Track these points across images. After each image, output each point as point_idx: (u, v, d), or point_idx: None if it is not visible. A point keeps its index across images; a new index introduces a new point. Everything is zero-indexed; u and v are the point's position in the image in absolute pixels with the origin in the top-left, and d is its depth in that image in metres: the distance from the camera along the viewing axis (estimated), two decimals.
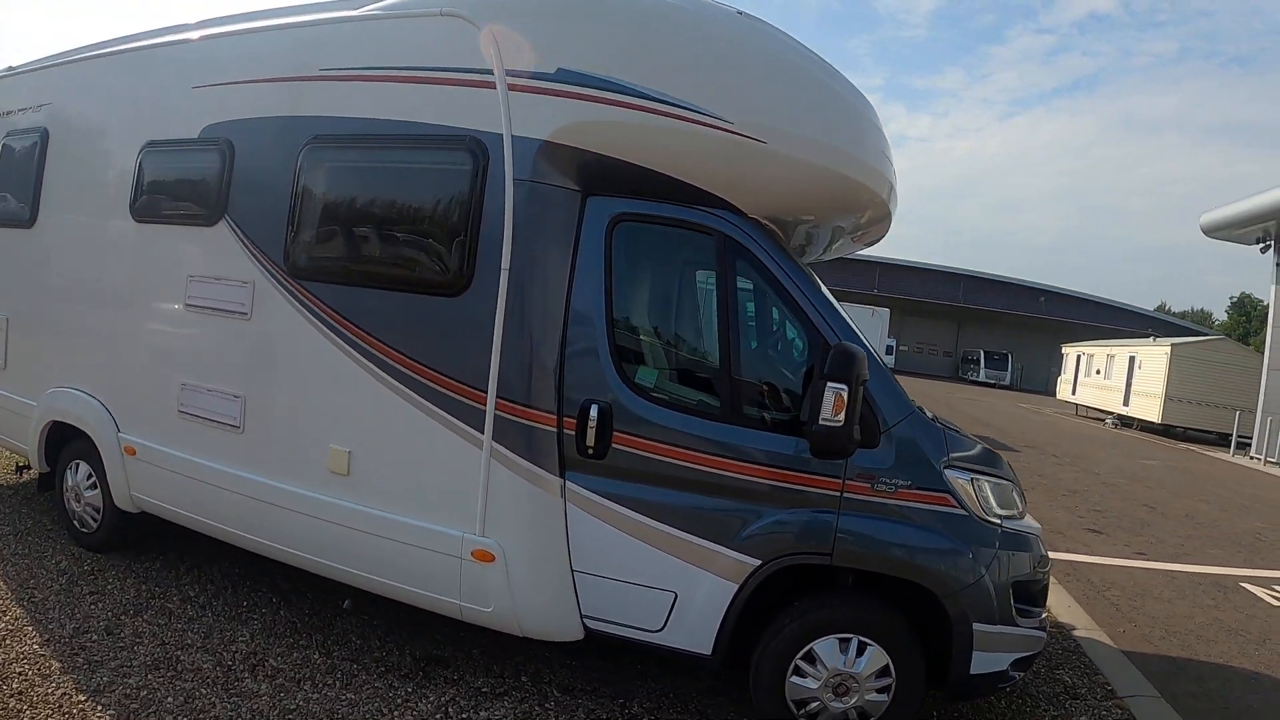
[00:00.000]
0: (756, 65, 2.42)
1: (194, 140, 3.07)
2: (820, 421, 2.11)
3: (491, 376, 2.39)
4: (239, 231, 2.90)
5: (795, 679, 2.36)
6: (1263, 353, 15.01)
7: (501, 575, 2.43)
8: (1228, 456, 13.54)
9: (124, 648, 2.69)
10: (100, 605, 3.00)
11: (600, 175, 2.44)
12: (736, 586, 2.33)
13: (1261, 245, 12.76)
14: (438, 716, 2.43)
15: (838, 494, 2.31)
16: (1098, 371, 20.68)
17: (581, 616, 2.47)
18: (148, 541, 3.59)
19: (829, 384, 2.10)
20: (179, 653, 2.69)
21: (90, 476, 3.49)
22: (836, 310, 2.44)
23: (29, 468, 4.02)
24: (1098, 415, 20.64)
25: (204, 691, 2.44)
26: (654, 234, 2.54)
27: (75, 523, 3.60)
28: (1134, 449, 13.66)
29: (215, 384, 2.97)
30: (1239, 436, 13.48)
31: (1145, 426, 17.33)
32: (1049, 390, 28.29)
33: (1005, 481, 2.55)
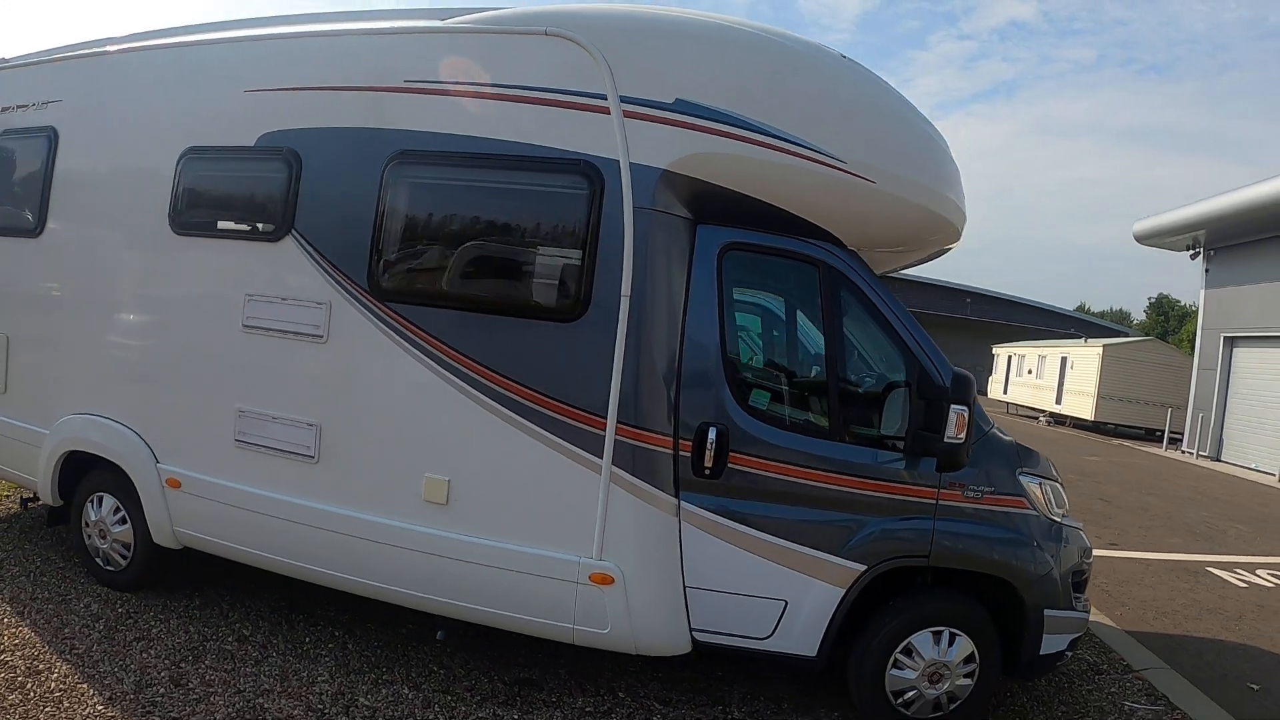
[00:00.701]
0: (865, 108, 2.64)
1: (250, 149, 2.96)
2: (946, 439, 2.36)
3: (611, 401, 2.48)
4: (310, 248, 2.81)
5: (895, 671, 2.60)
6: (1187, 352, 16.87)
7: (620, 597, 2.53)
8: (1161, 451, 15.11)
9: (198, 699, 2.57)
10: (152, 652, 2.84)
11: (712, 205, 2.58)
12: (843, 591, 2.54)
13: (1191, 252, 14.42)
14: None
15: (934, 501, 2.57)
16: (1029, 371, 22.45)
17: (691, 630, 2.61)
18: (179, 576, 3.40)
19: (952, 405, 2.36)
20: (260, 700, 2.60)
21: (118, 510, 3.28)
22: (926, 335, 2.70)
23: (34, 499, 3.72)
24: (1030, 414, 22.37)
25: None
26: (761, 263, 2.72)
27: (99, 560, 3.36)
28: (1075, 446, 14.97)
29: (283, 411, 2.87)
30: (1170, 432, 15.10)
31: (1077, 424, 18.93)
32: (979, 390, 30.25)
33: (1059, 483, 2.91)
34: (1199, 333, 14.10)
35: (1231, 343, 13.17)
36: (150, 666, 2.74)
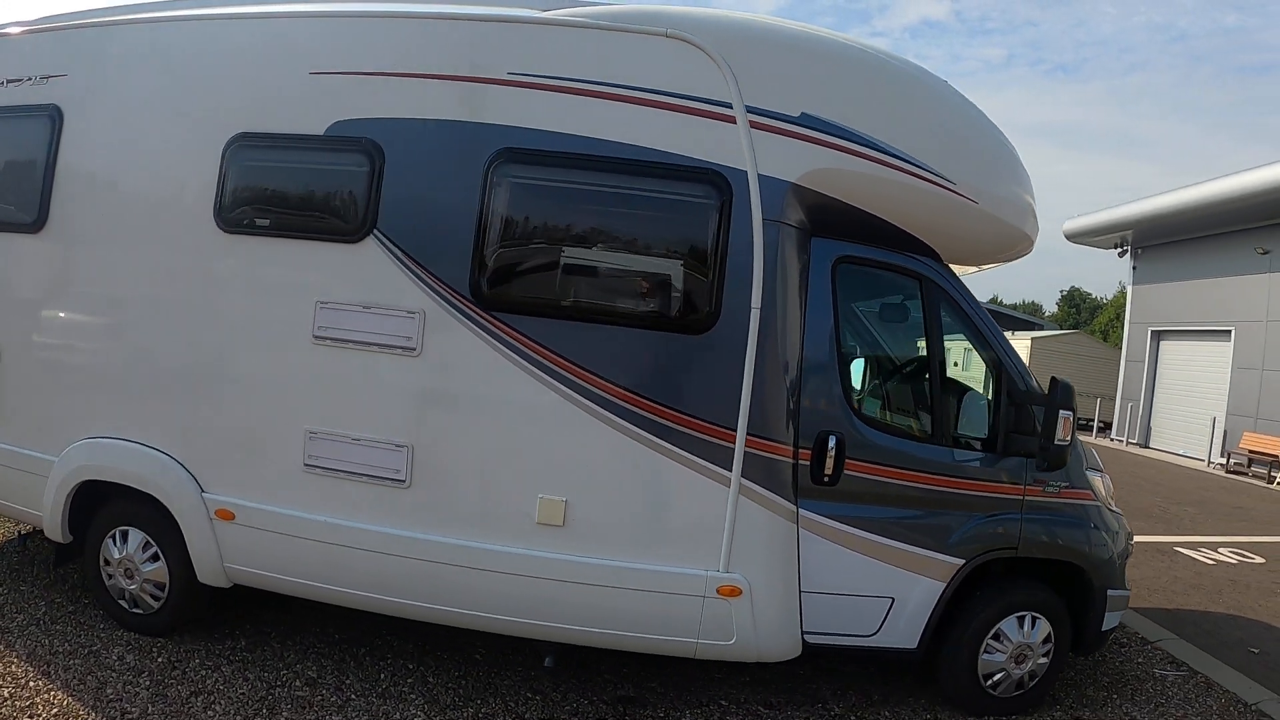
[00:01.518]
0: (970, 132, 2.84)
1: (319, 138, 2.75)
2: (1056, 441, 2.62)
3: (741, 413, 2.55)
4: (398, 250, 2.65)
5: (986, 655, 2.86)
6: (1110, 343, 18.82)
7: (747, 608, 2.61)
8: (1092, 439, 16.91)
9: None
10: (218, 709, 2.61)
11: (828, 218, 2.69)
12: (944, 585, 2.75)
13: (1119, 250, 16.17)
14: None
15: (1020, 498, 2.83)
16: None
17: (803, 634, 2.75)
18: (210, 614, 3.16)
19: (1060, 411, 2.61)
20: None
21: (147, 547, 2.98)
22: (1010, 344, 2.96)
23: (31, 535, 3.34)
24: None
25: None
26: (868, 275, 2.87)
27: (123, 603, 3.05)
28: None
29: (367, 432, 2.70)
30: (1100, 421, 16.87)
31: None
32: None
33: (1108, 476, 3.29)
34: (1126, 326, 15.83)
35: (1158, 336, 14.85)
36: None
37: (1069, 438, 2.66)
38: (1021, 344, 20.16)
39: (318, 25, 2.84)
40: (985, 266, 3.60)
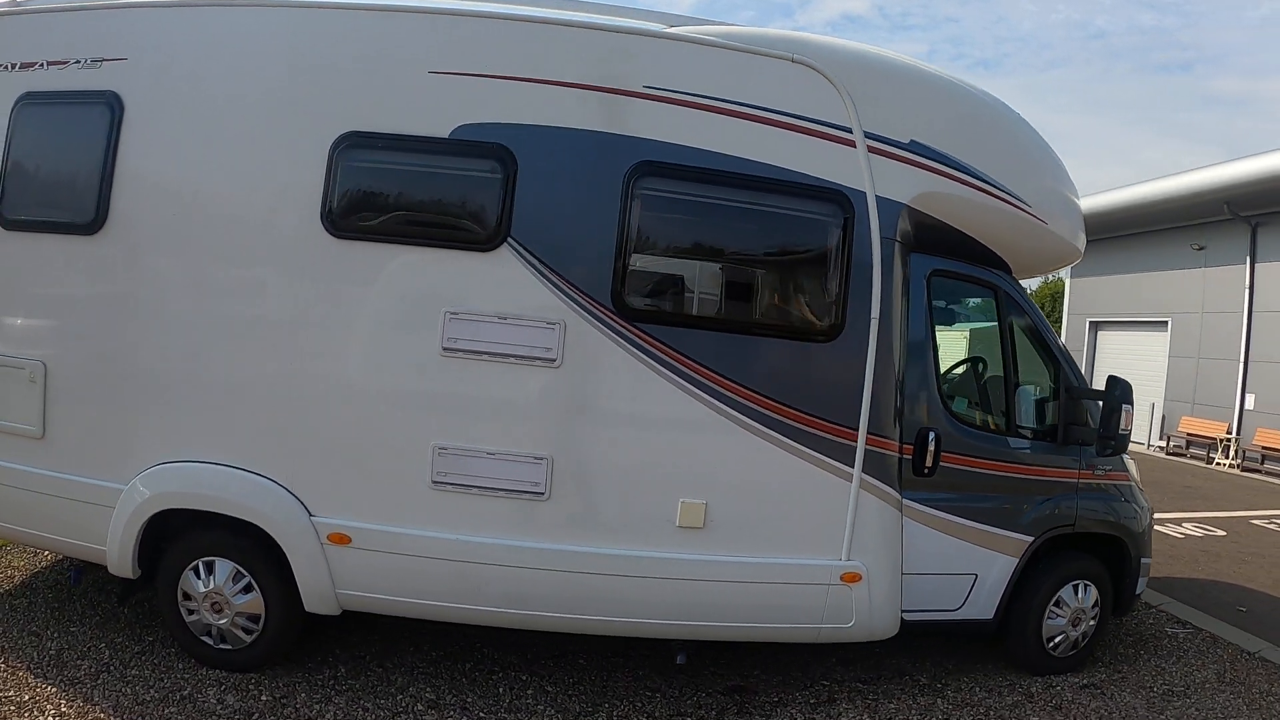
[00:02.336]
0: (1041, 158, 3.32)
1: (444, 140, 2.72)
2: (1120, 432, 3.18)
3: (863, 414, 2.88)
4: (535, 260, 2.71)
5: (1049, 620, 3.39)
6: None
7: (865, 592, 2.96)
8: None
9: None
10: None
11: (926, 235, 3.06)
12: (1018, 561, 3.26)
13: None
14: None
15: (1076, 480, 3.40)
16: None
17: (901, 612, 3.16)
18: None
19: (1123, 405, 3.17)
20: None
21: (239, 577, 2.85)
22: (1065, 347, 3.52)
23: (82, 571, 3.13)
24: None
25: None
26: (952, 286, 3.31)
27: (207, 639, 2.89)
28: None
29: (504, 446, 2.75)
30: None
31: None
32: None
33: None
34: (1065, 318, 17.80)
35: (1096, 326, 16.62)
36: None
37: (1130, 428, 3.25)
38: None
39: (437, 22, 2.79)
40: (1038, 276, 4.16)
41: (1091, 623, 3.50)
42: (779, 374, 2.86)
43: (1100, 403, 3.28)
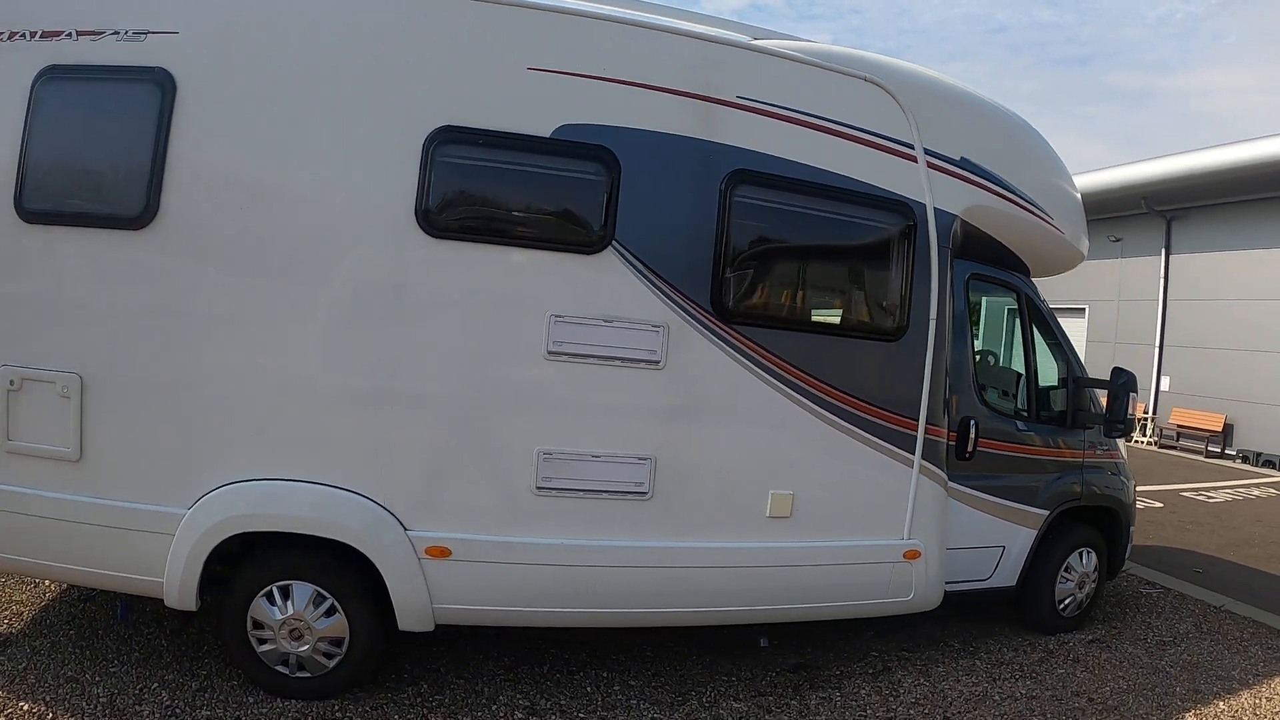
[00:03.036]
0: (1059, 175, 3.83)
1: (544, 140, 2.74)
2: (1127, 416, 3.79)
3: (922, 406, 3.26)
4: (639, 263, 2.82)
5: (1060, 584, 3.98)
6: None
7: (923, 567, 3.37)
8: None
9: None
10: None
11: (968, 243, 3.48)
12: (1036, 533, 3.82)
13: None
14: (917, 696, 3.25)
15: (1081, 459, 4.00)
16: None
17: (944, 584, 3.62)
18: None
19: (1130, 393, 3.77)
20: None
21: (322, 600, 2.74)
22: (1070, 341, 4.12)
23: (129, 606, 2.92)
24: None
25: None
26: (983, 289, 3.78)
27: (283, 669, 2.75)
28: None
29: (608, 448, 2.85)
30: None
31: None
32: None
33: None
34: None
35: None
36: None
37: (1136, 413, 3.89)
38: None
39: (538, 19, 2.79)
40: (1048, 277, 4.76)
41: (1092, 585, 4.14)
42: (854, 371, 3.18)
43: (1105, 391, 3.91)
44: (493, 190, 2.84)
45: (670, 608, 3.03)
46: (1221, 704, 3.34)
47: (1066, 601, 4.05)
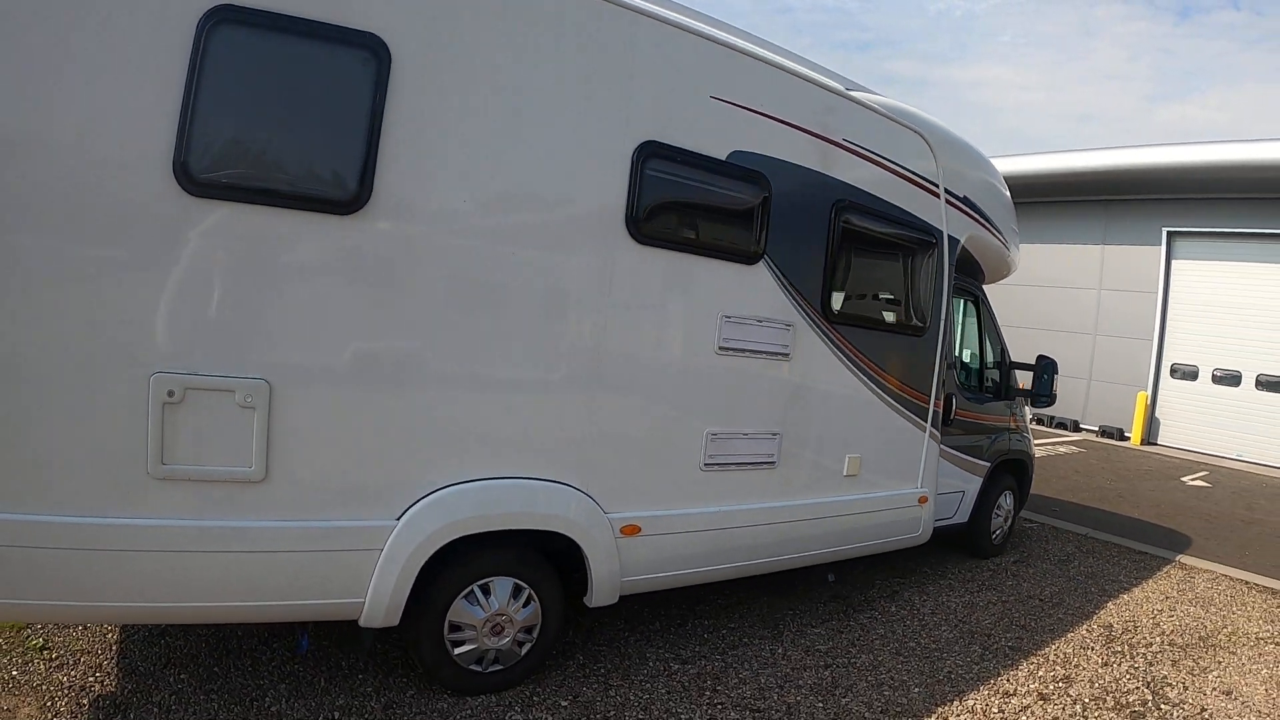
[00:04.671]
0: (1010, 209, 5.41)
1: (722, 163, 3.31)
2: (1053, 392, 5.58)
3: (933, 384, 4.60)
4: (780, 274, 3.59)
5: (994, 519, 5.74)
6: None
7: (930, 510, 4.76)
8: None
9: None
10: (727, 698, 3.24)
11: (960, 261, 4.90)
12: (982, 480, 5.50)
13: None
14: (930, 608, 4.58)
15: (1009, 424, 5.79)
16: None
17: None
18: None
19: (1053, 374, 5.57)
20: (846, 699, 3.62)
21: (519, 592, 3.05)
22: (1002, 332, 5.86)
23: (308, 635, 2.89)
24: None
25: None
26: (962, 294, 5.24)
27: (476, 667, 3.00)
28: None
29: (752, 427, 3.60)
30: None
31: None
32: None
33: None
34: None
35: None
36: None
37: (1056, 389, 5.72)
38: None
39: (722, 54, 3.31)
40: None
41: (1010, 520, 6.03)
42: (897, 359, 4.38)
43: (1031, 372, 5.72)
44: (683, 204, 3.33)
45: (783, 555, 3.94)
46: (1124, 596, 5.24)
47: (997, 532, 5.87)
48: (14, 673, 2.92)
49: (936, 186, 4.47)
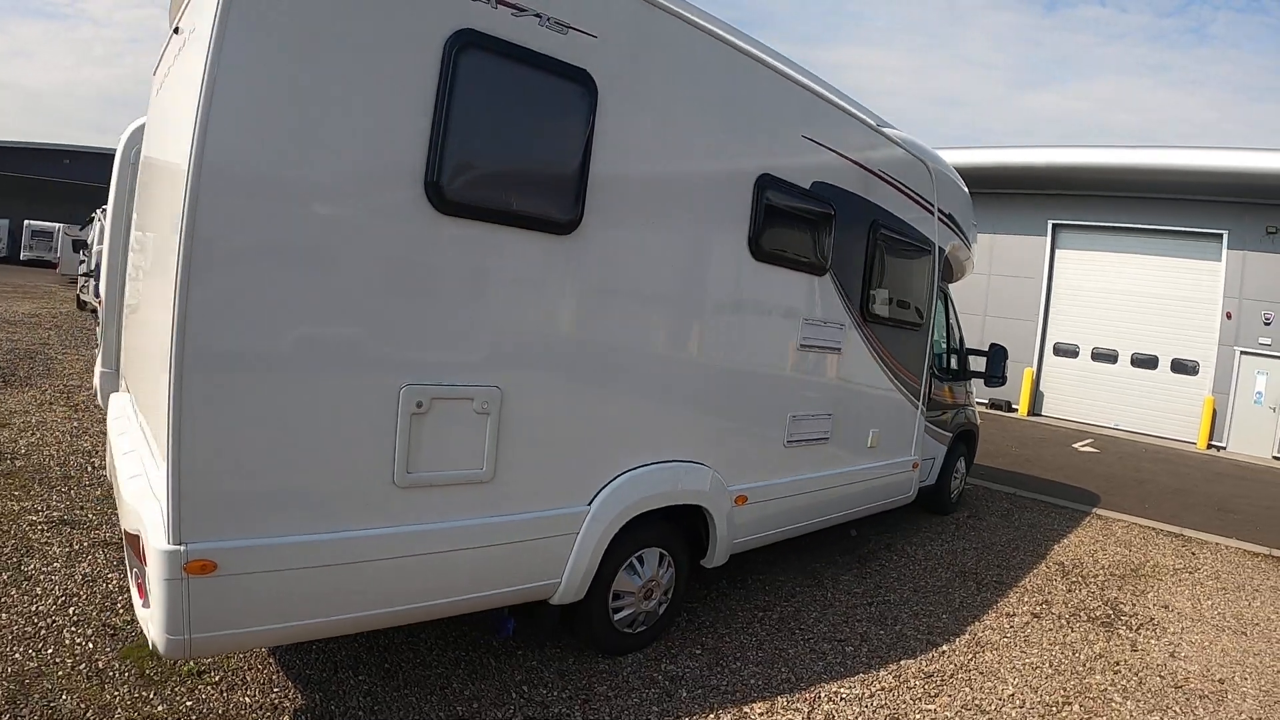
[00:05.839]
0: (971, 212, 6.74)
1: (805, 191, 4.18)
2: (1004, 373, 7.03)
3: (925, 369, 5.84)
4: (838, 283, 4.56)
5: (954, 481, 7.18)
6: None
7: (917, 475, 6.04)
8: None
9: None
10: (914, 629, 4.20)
11: (942, 266, 6.17)
12: (946, 448, 6.89)
13: None
14: (924, 554, 5.83)
15: (964, 402, 7.25)
16: None
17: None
18: None
19: (1004, 359, 7.03)
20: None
21: (662, 560, 3.78)
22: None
23: (512, 621, 3.34)
24: None
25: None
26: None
27: (628, 630, 3.66)
28: None
29: (817, 410, 4.58)
30: None
31: None
32: None
33: None
34: None
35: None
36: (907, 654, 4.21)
37: (1006, 371, 7.15)
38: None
39: (809, 99, 4.17)
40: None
41: (963, 481, 7.49)
42: (903, 349, 5.55)
43: (985, 356, 7.14)
44: (784, 226, 4.15)
45: (829, 514, 5.01)
46: (1064, 541, 6.79)
47: (955, 492, 7.34)
48: (189, 703, 2.95)
49: (932, 206, 5.66)
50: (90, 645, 3.30)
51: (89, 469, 5.61)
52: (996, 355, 7.23)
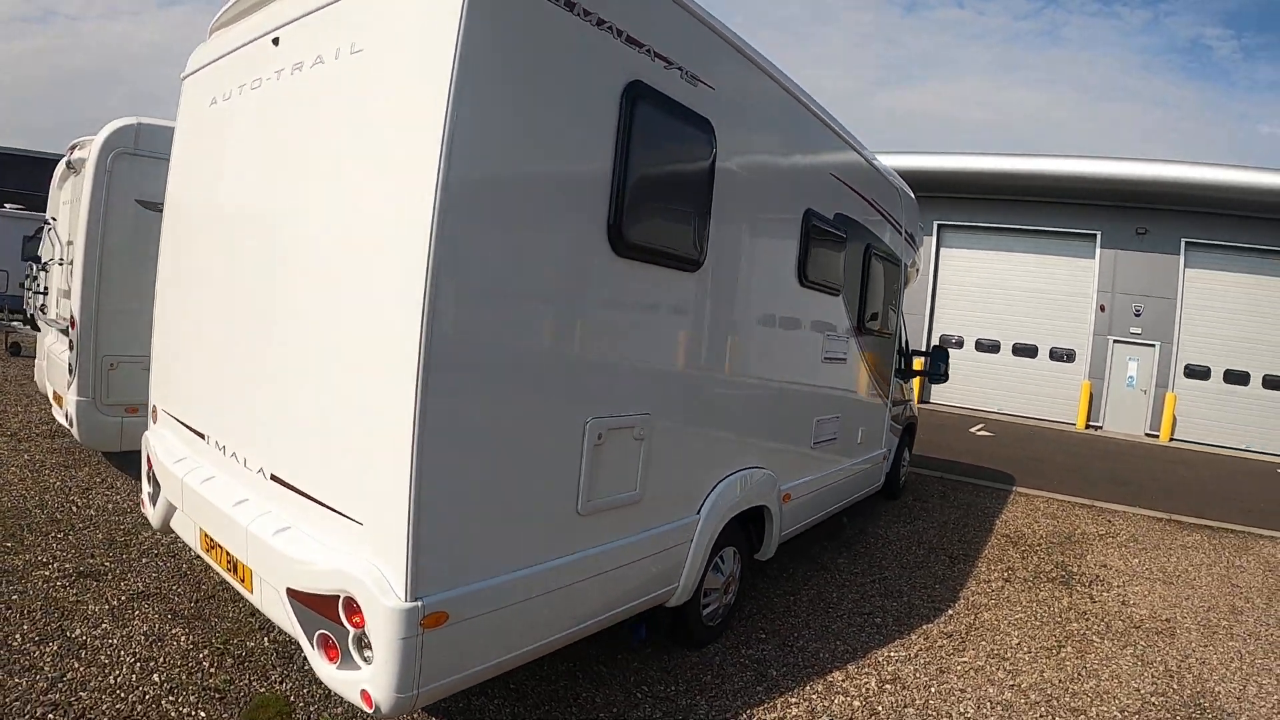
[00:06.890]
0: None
1: (830, 221, 4.93)
2: (946, 372, 8.28)
3: (892, 370, 6.90)
4: (845, 301, 5.40)
5: (900, 470, 8.38)
6: None
7: (885, 465, 7.12)
8: None
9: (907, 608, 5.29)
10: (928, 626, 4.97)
11: None
12: (899, 440, 8.06)
13: None
14: (897, 534, 6.88)
15: (908, 399, 8.47)
16: None
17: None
18: None
19: (946, 359, 8.31)
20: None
21: (736, 555, 4.43)
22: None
23: (644, 626, 3.82)
24: None
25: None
26: None
27: (707, 623, 4.22)
28: None
29: (832, 413, 5.40)
30: None
31: None
32: None
33: None
34: None
35: None
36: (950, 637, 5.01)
37: (948, 370, 8.38)
38: None
39: (834, 139, 4.92)
40: None
41: (907, 468, 8.71)
42: (878, 355, 6.54)
43: (928, 357, 8.35)
44: (819, 256, 4.85)
45: (834, 504, 5.90)
46: (1002, 516, 8.13)
47: (903, 480, 8.57)
48: None
49: (901, 227, 6.71)
50: (201, 713, 3.18)
51: (72, 509, 5.30)
52: (938, 356, 8.51)
